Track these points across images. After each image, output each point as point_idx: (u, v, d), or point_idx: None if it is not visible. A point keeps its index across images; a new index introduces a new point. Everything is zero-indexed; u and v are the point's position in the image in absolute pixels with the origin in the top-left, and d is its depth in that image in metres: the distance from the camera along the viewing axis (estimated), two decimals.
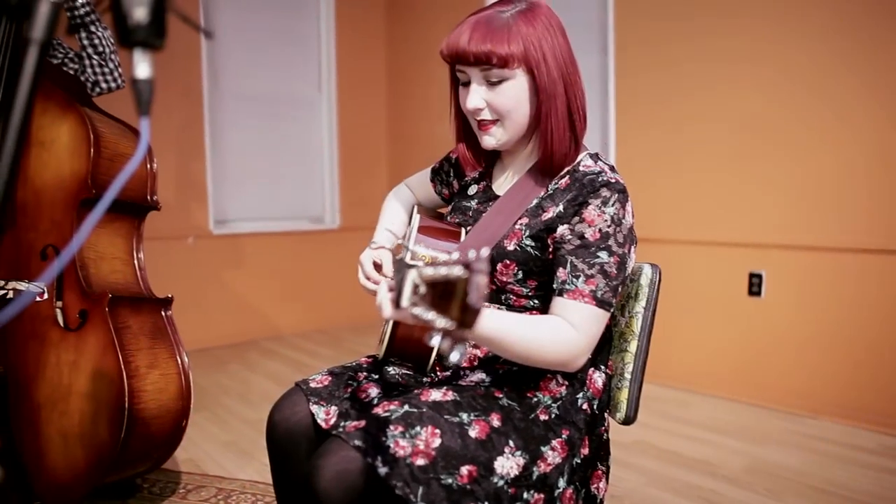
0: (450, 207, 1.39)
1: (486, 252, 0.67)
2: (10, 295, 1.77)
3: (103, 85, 2.04)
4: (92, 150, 1.79)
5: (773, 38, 2.80)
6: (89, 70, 2.00)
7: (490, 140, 1.19)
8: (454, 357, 0.71)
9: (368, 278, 1.28)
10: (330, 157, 4.82)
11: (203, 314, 4.11)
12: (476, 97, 1.14)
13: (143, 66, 0.62)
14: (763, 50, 2.83)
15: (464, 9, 4.25)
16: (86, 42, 1.95)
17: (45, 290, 1.80)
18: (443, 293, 0.72)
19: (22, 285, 1.78)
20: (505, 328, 1.02)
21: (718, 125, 3.01)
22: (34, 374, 1.80)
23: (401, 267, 0.86)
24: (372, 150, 4.99)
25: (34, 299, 1.78)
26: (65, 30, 1.96)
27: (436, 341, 0.72)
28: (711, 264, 3.07)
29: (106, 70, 2.01)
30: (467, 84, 1.16)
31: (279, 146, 4.61)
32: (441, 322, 0.70)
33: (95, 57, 1.98)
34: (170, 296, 1.98)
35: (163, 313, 1.96)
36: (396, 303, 0.83)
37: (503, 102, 1.13)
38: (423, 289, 0.74)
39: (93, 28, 1.94)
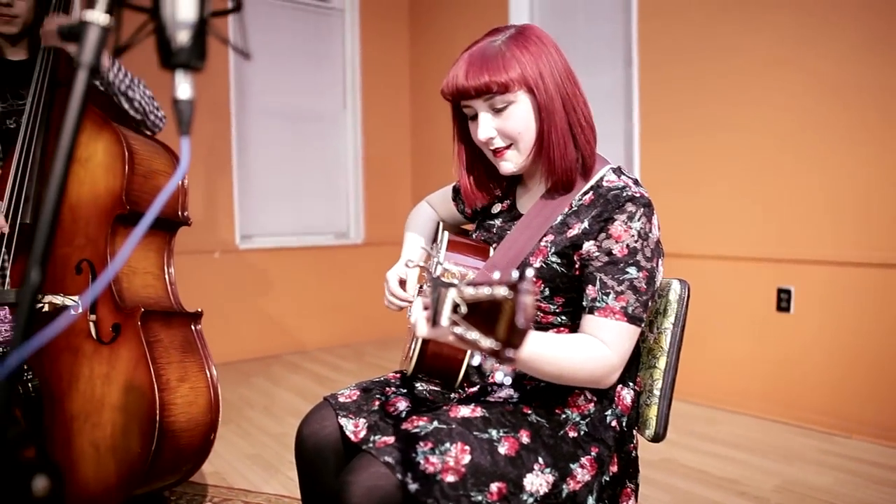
0: (475, 225, 1.39)
1: (530, 273, 0.67)
2: (46, 308, 1.80)
3: (145, 132, 2.08)
4: (126, 167, 1.83)
5: (798, 50, 2.78)
6: (131, 120, 2.04)
7: (507, 165, 1.20)
8: (499, 377, 0.71)
9: (394, 296, 1.30)
10: (354, 172, 4.87)
11: (228, 328, 4.15)
12: (486, 127, 1.16)
13: (184, 87, 0.64)
14: (789, 62, 2.81)
15: (486, 27, 4.29)
16: (126, 106, 1.98)
17: (80, 303, 1.83)
18: (487, 313, 0.72)
19: (58, 299, 1.81)
20: (538, 350, 1.01)
21: (745, 138, 2.98)
22: (68, 387, 1.83)
23: (437, 285, 0.86)
24: (395, 165, 5.02)
25: (75, 318, 1.80)
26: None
27: (477, 360, 0.72)
28: (739, 280, 3.03)
29: (147, 122, 2.04)
30: (475, 118, 1.19)
31: (304, 162, 4.67)
32: (486, 342, 0.70)
33: (137, 115, 2.02)
34: (199, 310, 2.01)
35: (193, 327, 1.99)
36: (433, 321, 0.84)
37: (512, 126, 1.15)
38: (463, 308, 0.74)
39: (130, 93, 1.97)
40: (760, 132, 2.93)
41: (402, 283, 1.36)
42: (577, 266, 1.14)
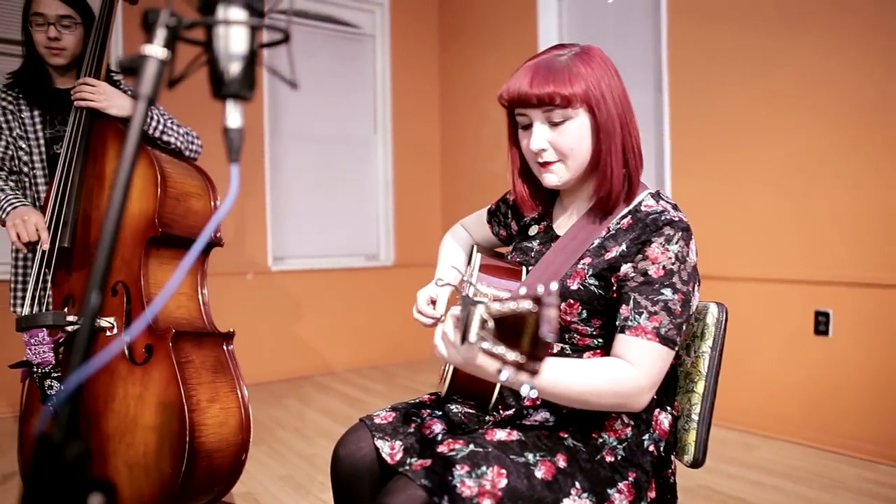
0: (511, 247, 1.40)
1: (555, 286, 0.68)
2: None
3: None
4: (159, 191, 1.87)
5: (834, 69, 2.76)
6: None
7: (552, 178, 1.20)
8: (524, 391, 0.72)
9: (421, 312, 1.32)
10: (385, 195, 4.92)
11: (260, 349, 4.20)
12: (540, 138, 1.16)
13: (234, 116, 0.66)
14: (825, 81, 2.79)
15: (515, 51, 4.35)
16: (162, 145, 2.04)
17: (115, 325, 1.87)
18: (512, 327, 0.73)
19: None
20: (560, 375, 1.01)
21: (779, 158, 2.95)
22: (103, 407, 1.86)
23: (466, 303, 0.87)
24: (426, 188, 5.06)
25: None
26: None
27: (505, 375, 0.73)
28: (774, 302, 2.98)
29: (184, 155, 2.10)
30: (528, 127, 1.18)
31: (336, 185, 4.73)
32: (511, 355, 0.71)
33: (175, 153, 2.08)
34: (231, 330, 2.03)
35: (224, 347, 2.00)
36: (463, 338, 0.85)
37: (566, 142, 1.15)
38: (490, 323, 0.75)
39: (165, 137, 2.04)
40: (795, 152, 2.90)
41: (433, 303, 1.37)
42: (614, 288, 1.13)
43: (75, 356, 0.53)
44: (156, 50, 0.60)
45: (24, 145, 2.06)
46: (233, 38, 0.63)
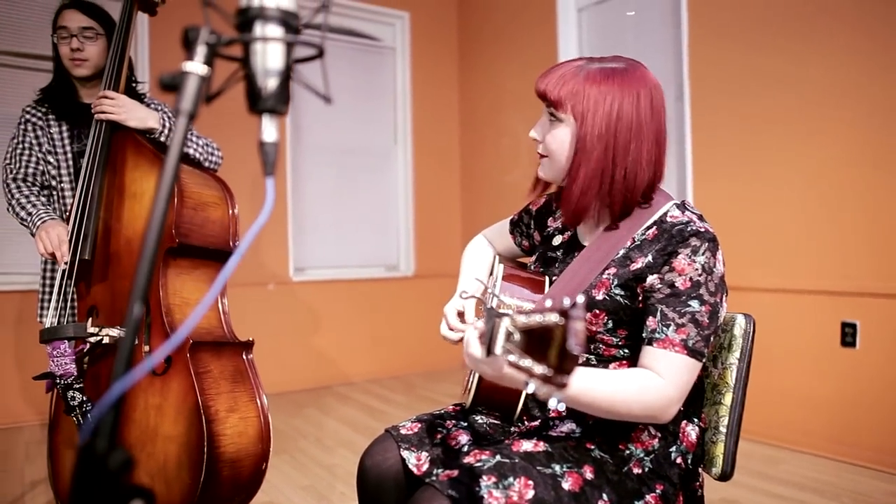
0: (534, 257, 1.40)
1: (581, 299, 0.68)
2: (106, 340, 1.85)
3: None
4: (176, 201, 1.88)
5: (859, 79, 2.73)
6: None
7: (540, 171, 1.26)
8: (552, 403, 0.72)
9: (452, 329, 1.32)
10: (405, 206, 4.94)
11: (281, 358, 4.22)
12: (537, 128, 1.23)
13: (269, 131, 0.67)
14: (849, 91, 2.76)
15: (534, 63, 4.37)
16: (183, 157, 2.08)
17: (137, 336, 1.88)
18: (539, 340, 0.73)
19: (115, 332, 1.84)
20: (588, 384, 1.00)
21: (803, 167, 2.93)
22: (123, 417, 1.87)
23: (491, 315, 0.87)
24: (446, 199, 5.08)
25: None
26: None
27: (532, 388, 0.73)
28: (800, 313, 2.95)
29: (204, 165, 2.13)
30: None
31: (356, 196, 4.76)
32: (539, 369, 0.71)
33: (193, 163, 2.11)
34: (251, 339, 2.02)
35: (244, 356, 1.99)
36: (488, 350, 0.85)
37: (549, 141, 1.19)
38: (517, 336, 0.75)
39: (185, 149, 2.06)
40: (820, 160, 2.87)
41: (461, 316, 1.38)
42: (640, 299, 1.13)
43: (118, 366, 0.54)
44: (196, 66, 0.61)
45: (52, 160, 2.10)
46: (269, 55, 0.65)
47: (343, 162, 4.70)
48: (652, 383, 1.05)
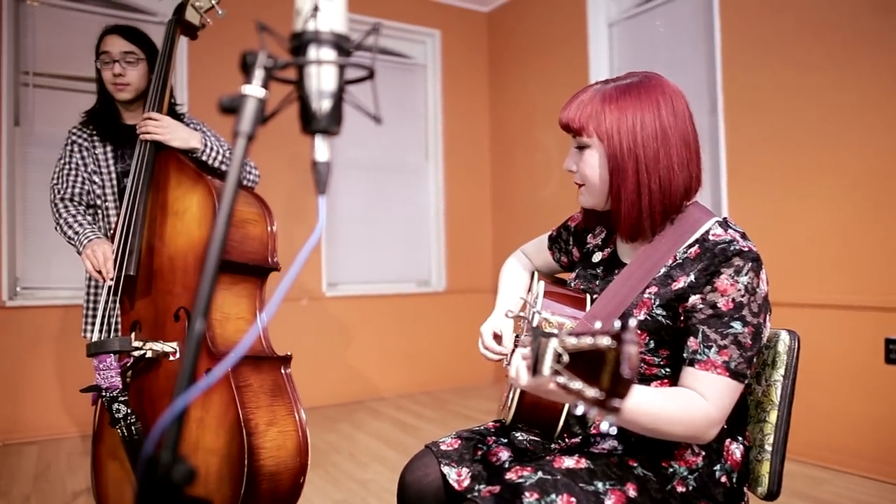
0: (574, 274, 1.40)
1: (633, 323, 0.68)
2: (149, 354, 1.89)
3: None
4: None
5: (894, 89, 2.69)
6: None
7: (582, 199, 1.26)
8: (604, 426, 0.71)
9: (488, 348, 1.34)
10: (436, 222, 4.96)
11: (313, 373, 4.25)
12: (569, 160, 1.24)
13: (322, 151, 0.69)
14: (884, 101, 2.71)
15: (565, 79, 4.38)
16: (221, 176, 2.12)
17: (178, 350, 1.91)
18: (590, 363, 0.73)
19: (158, 346, 1.89)
20: (636, 402, 1.00)
21: (840, 180, 2.88)
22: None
23: (537, 335, 0.87)
24: (476, 215, 5.09)
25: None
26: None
27: (580, 410, 0.73)
28: (842, 330, 2.88)
29: (242, 183, 2.17)
30: None
31: (388, 212, 4.80)
32: (591, 392, 0.70)
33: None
34: (289, 354, 2.05)
35: (282, 371, 2.02)
36: (534, 370, 0.85)
37: (582, 168, 1.20)
38: (566, 357, 0.75)
39: (224, 168, 2.12)
40: (857, 174, 2.82)
41: (499, 338, 1.38)
42: (681, 318, 1.12)
43: (181, 379, 0.55)
44: (255, 90, 0.63)
45: (97, 179, 2.16)
46: (323, 77, 0.67)
47: (375, 178, 4.75)
48: (695, 404, 1.04)
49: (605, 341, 0.71)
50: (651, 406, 1.01)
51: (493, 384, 4.98)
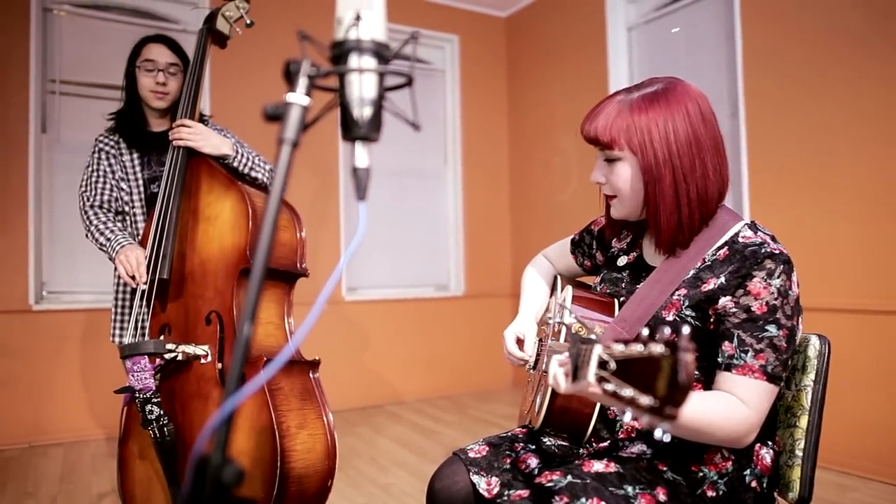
0: (599, 278, 1.40)
1: (686, 330, 0.68)
2: (180, 357, 1.92)
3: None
4: (250, 224, 1.94)
5: None
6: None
7: (613, 210, 1.25)
8: (657, 434, 0.71)
9: (510, 353, 1.36)
10: (455, 226, 4.97)
11: (333, 377, 4.25)
12: (597, 172, 1.23)
13: (362, 157, 0.70)
14: None
15: (584, 83, 4.38)
16: (250, 180, 2.15)
17: (209, 353, 1.94)
18: (641, 370, 0.72)
19: (190, 349, 1.92)
20: (687, 409, 1.00)
21: (864, 183, 2.85)
22: (198, 431, 1.93)
23: (576, 340, 0.88)
24: (496, 219, 5.10)
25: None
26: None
27: (628, 417, 0.73)
28: (870, 335, 2.85)
29: (269, 188, 2.20)
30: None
31: (407, 217, 4.82)
32: (645, 399, 0.70)
33: (261, 188, 2.18)
34: (317, 358, 2.07)
35: (311, 375, 2.05)
36: (574, 376, 0.85)
37: (614, 181, 1.19)
38: (613, 364, 0.75)
39: (253, 174, 2.15)
40: (882, 177, 2.79)
41: (519, 341, 1.39)
42: (711, 320, 1.12)
43: (230, 382, 0.57)
44: (299, 97, 0.64)
45: (125, 186, 2.19)
46: (365, 85, 0.68)
47: (394, 183, 4.77)
48: (736, 409, 1.04)
49: (659, 349, 0.70)
50: (697, 412, 1.01)
51: (511, 388, 4.97)
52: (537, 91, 4.87)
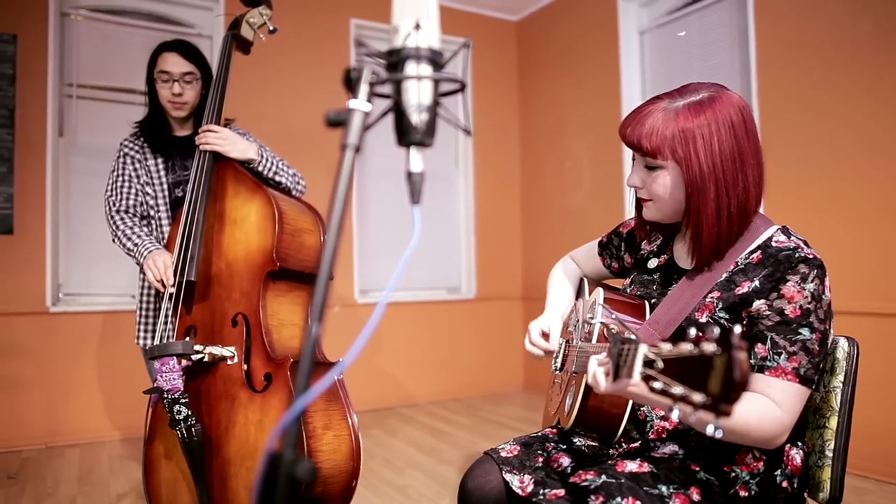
0: (628, 280, 1.41)
1: (738, 329, 0.69)
2: (207, 359, 1.94)
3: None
4: (276, 227, 1.97)
5: None
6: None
7: (647, 213, 1.26)
8: (709, 430, 0.73)
9: (534, 344, 1.38)
10: (466, 229, 4.99)
11: (346, 379, 4.27)
12: (635, 176, 1.23)
13: (416, 162, 0.72)
14: None
15: (595, 86, 4.39)
16: (273, 185, 2.17)
17: (236, 354, 1.96)
18: (692, 369, 0.74)
19: (217, 350, 1.94)
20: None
21: (880, 186, 2.85)
22: (224, 432, 1.95)
23: (617, 340, 0.89)
24: (506, 222, 5.11)
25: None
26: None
27: (676, 415, 0.74)
28: (880, 338, 2.85)
29: (292, 193, 2.21)
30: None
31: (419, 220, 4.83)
32: (698, 397, 0.72)
33: (285, 192, 2.20)
34: (341, 360, 2.08)
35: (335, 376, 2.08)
36: (615, 375, 0.87)
37: (653, 188, 1.20)
38: (660, 363, 0.77)
39: (277, 178, 2.17)
40: None
41: (544, 335, 1.41)
42: (745, 322, 1.13)
43: (300, 381, 0.58)
44: (360, 104, 0.66)
45: (150, 191, 2.22)
46: (421, 91, 0.69)
47: (405, 186, 4.77)
48: (770, 410, 1.06)
49: (711, 347, 0.71)
50: (736, 412, 1.02)
51: (523, 391, 4.98)
52: (549, 95, 4.88)
